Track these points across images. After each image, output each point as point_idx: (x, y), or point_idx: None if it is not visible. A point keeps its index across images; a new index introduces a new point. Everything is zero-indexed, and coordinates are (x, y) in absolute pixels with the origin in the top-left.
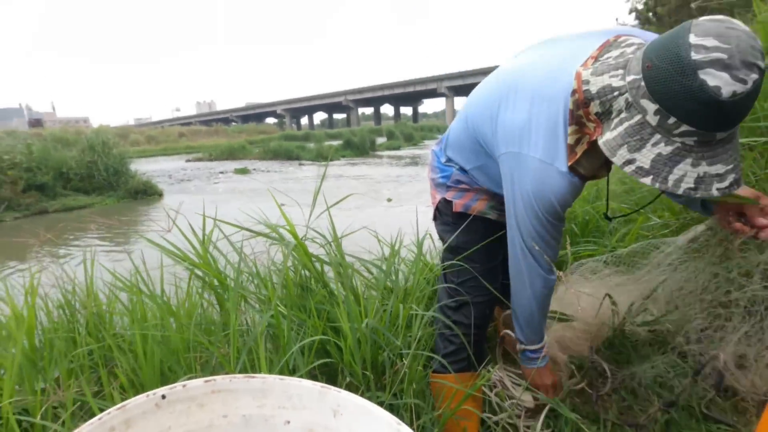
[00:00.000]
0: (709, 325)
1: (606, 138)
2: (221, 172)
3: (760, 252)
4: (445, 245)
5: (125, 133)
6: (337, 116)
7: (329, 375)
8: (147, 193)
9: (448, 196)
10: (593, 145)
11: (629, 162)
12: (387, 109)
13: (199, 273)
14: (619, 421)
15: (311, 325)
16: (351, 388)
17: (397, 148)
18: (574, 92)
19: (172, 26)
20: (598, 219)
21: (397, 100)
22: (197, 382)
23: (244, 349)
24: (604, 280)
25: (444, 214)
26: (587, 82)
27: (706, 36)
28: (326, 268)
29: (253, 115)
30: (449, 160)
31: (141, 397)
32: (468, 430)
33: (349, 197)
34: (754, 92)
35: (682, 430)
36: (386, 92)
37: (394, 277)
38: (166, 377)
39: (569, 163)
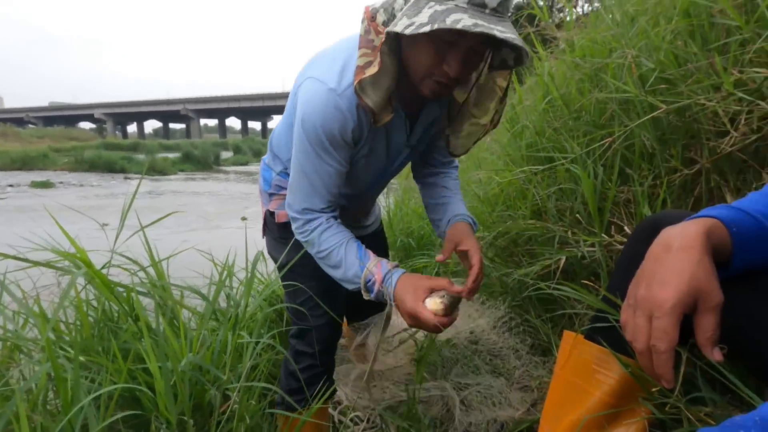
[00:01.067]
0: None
1: (390, 27)
2: (11, 186)
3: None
4: (277, 264)
5: None
6: (175, 126)
7: (139, 428)
8: None
9: (272, 206)
10: (382, 71)
11: (409, 25)
12: (233, 123)
13: None
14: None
15: (113, 370)
16: None
17: (245, 163)
18: (363, 20)
19: None
20: (431, 234)
21: (245, 114)
22: None
23: (1, 418)
24: None
25: (271, 229)
26: (372, 5)
27: None
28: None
29: (61, 118)
30: (275, 157)
31: None
32: None
33: (192, 215)
34: None
35: None
36: (232, 104)
37: (228, 302)
38: None
39: (356, 80)
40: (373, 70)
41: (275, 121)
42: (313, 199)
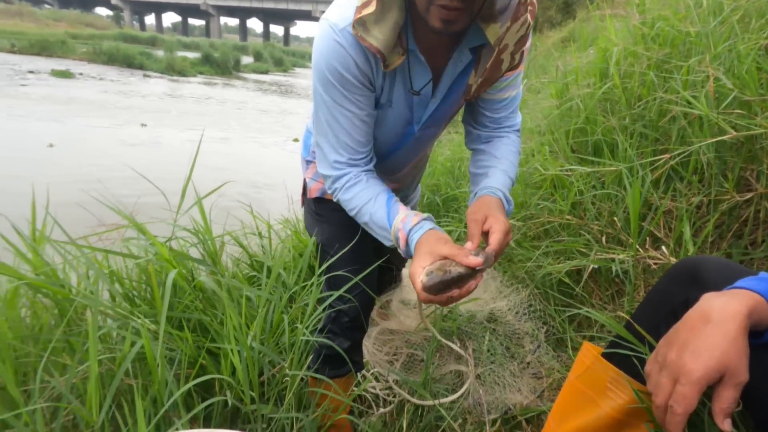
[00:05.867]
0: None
1: None
2: (31, 72)
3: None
4: (311, 242)
5: None
6: (194, 22)
7: (203, 389)
8: None
9: (308, 174)
10: (381, 9)
11: None
12: (255, 24)
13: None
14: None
15: (183, 342)
16: (231, 408)
17: (265, 71)
18: None
19: None
20: (458, 196)
21: (267, 16)
22: None
23: (109, 392)
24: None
25: (306, 201)
26: None
27: None
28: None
29: (77, 0)
30: None
31: None
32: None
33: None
34: None
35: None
36: (255, 4)
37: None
38: None
39: (354, 17)
40: (369, 9)
41: (299, 27)
42: (338, 150)
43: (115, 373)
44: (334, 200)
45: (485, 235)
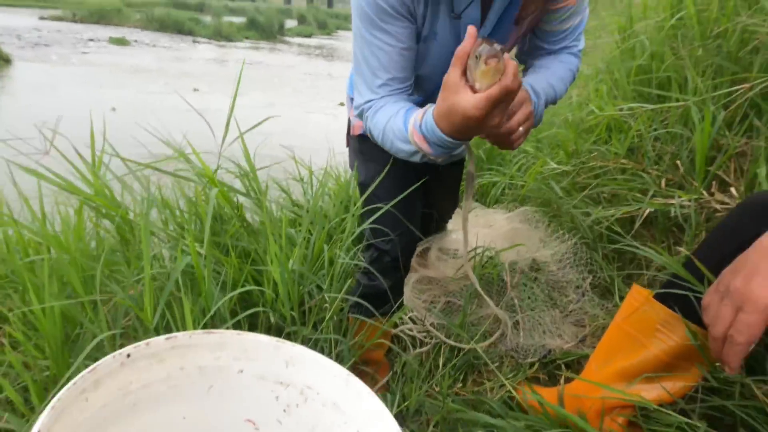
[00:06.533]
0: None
1: None
2: (91, 40)
3: None
4: (357, 181)
5: None
6: None
7: (248, 319)
8: None
9: (351, 114)
10: None
11: None
12: None
13: (93, 205)
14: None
15: (229, 264)
16: (274, 327)
17: (309, 35)
18: None
19: None
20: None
21: None
22: (159, 340)
23: (162, 298)
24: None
25: (351, 138)
26: None
27: None
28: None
29: None
30: None
31: (108, 358)
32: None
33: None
34: None
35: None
36: None
37: (316, 208)
38: (66, 328)
39: None
40: None
41: None
42: (373, 88)
43: (166, 287)
44: (368, 134)
45: None
